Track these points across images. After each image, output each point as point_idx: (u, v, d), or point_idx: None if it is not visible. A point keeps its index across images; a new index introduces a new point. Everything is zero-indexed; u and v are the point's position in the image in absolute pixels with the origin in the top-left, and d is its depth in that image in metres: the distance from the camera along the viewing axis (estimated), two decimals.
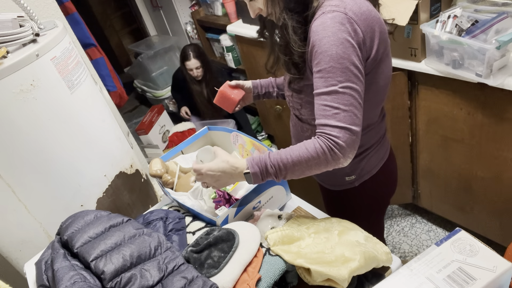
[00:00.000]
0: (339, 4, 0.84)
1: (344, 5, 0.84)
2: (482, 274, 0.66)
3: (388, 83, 0.99)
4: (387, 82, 0.98)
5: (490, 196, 1.61)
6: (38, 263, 0.94)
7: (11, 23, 1.09)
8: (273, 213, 0.97)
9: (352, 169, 1.08)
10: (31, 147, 1.12)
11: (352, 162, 0.95)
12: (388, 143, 1.14)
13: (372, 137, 1.05)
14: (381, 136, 1.07)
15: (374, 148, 1.07)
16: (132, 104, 4.26)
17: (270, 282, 0.79)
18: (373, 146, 1.06)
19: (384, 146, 1.10)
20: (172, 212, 1.05)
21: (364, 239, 0.85)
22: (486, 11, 1.34)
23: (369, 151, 1.06)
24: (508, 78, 1.28)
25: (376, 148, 1.07)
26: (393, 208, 2.22)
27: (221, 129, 1.27)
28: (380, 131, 1.07)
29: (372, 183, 1.12)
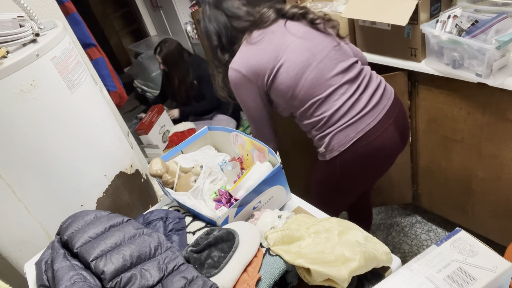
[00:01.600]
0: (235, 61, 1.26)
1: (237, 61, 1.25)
2: (482, 274, 0.66)
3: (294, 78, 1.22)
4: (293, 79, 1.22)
5: (490, 196, 1.62)
6: (38, 263, 0.94)
7: (11, 23, 1.09)
8: (273, 213, 0.97)
9: (320, 143, 1.28)
10: (31, 147, 1.12)
11: (318, 137, 1.27)
12: (366, 127, 1.23)
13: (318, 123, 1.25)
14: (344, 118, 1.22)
15: (338, 128, 1.23)
16: (132, 104, 4.26)
17: (270, 282, 0.79)
18: (334, 126, 1.23)
19: (355, 127, 1.22)
20: (172, 212, 1.05)
21: (364, 239, 0.85)
22: (486, 11, 1.34)
23: (330, 129, 1.24)
24: (508, 78, 1.28)
25: (341, 128, 1.23)
26: (393, 208, 2.22)
27: (221, 129, 1.27)
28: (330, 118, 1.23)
29: (341, 160, 1.26)
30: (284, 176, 1.08)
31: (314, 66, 1.22)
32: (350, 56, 1.30)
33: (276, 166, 1.04)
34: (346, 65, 1.25)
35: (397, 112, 1.30)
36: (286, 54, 1.22)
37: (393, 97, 1.30)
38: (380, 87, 1.28)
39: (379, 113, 1.24)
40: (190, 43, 3.58)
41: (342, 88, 1.23)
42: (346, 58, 1.27)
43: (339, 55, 1.26)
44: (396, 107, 1.30)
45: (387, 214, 2.20)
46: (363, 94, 1.24)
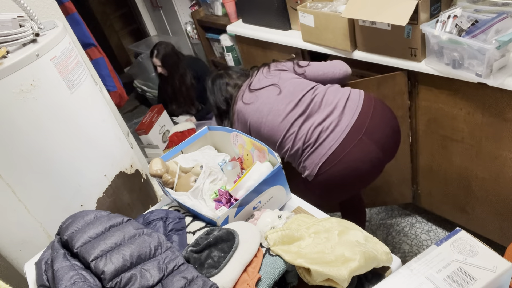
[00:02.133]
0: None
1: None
2: (482, 274, 0.66)
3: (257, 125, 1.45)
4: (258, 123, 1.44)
5: (490, 196, 1.61)
6: (38, 263, 0.94)
7: (11, 23, 1.09)
8: (273, 213, 0.97)
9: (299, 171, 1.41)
10: (31, 147, 1.12)
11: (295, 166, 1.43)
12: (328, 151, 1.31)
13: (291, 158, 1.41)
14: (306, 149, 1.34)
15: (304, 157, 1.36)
16: (132, 104, 4.26)
17: (270, 282, 0.79)
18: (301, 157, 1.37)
19: (317, 153, 1.32)
20: (172, 212, 1.06)
21: (364, 239, 0.85)
22: (486, 11, 1.34)
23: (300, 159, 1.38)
24: (508, 78, 1.28)
25: (305, 156, 1.35)
26: (393, 208, 2.22)
27: (221, 129, 1.27)
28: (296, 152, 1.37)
29: (320, 180, 1.36)
30: (284, 176, 1.08)
31: (265, 120, 1.41)
32: (300, 90, 1.40)
33: (276, 166, 1.04)
34: (295, 102, 1.38)
35: (368, 124, 1.32)
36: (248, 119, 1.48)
37: (358, 112, 1.34)
38: (337, 107, 1.35)
39: (341, 133, 1.31)
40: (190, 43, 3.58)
41: (296, 123, 1.36)
42: (294, 96, 1.39)
43: (285, 97, 1.40)
44: (365, 120, 1.33)
45: (387, 214, 2.20)
46: (316, 121, 1.34)
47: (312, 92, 1.40)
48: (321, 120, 1.33)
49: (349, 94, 1.39)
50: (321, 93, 1.39)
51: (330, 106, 1.35)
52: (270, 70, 1.52)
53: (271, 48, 2.14)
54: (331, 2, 1.71)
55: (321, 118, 1.34)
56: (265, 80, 1.48)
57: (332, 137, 1.31)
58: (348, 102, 1.36)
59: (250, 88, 1.50)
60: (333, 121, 1.33)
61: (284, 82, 1.45)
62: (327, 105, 1.36)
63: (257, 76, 1.52)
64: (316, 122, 1.34)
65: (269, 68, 1.53)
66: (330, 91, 1.40)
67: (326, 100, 1.37)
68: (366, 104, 1.36)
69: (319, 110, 1.36)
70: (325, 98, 1.38)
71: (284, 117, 1.38)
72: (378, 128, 1.35)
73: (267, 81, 1.48)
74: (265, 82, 1.48)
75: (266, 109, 1.42)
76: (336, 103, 1.35)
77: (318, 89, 1.42)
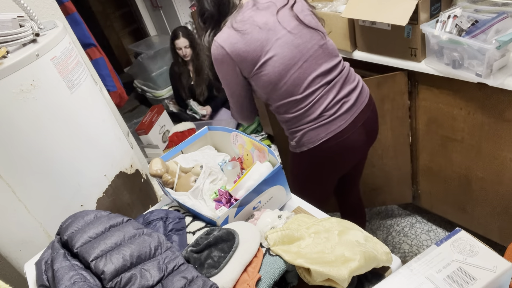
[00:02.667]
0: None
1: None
2: (482, 274, 0.66)
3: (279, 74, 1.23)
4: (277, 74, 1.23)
5: (490, 196, 1.62)
6: (38, 263, 0.94)
7: (11, 23, 1.09)
8: (273, 213, 0.97)
9: (291, 137, 1.35)
10: (31, 147, 1.12)
11: (290, 131, 1.34)
12: (336, 129, 1.27)
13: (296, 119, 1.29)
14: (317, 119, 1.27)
15: (310, 127, 1.28)
16: (132, 104, 4.26)
17: (270, 282, 0.79)
18: (307, 124, 1.28)
19: (325, 128, 1.27)
20: (172, 212, 1.06)
21: (364, 239, 0.85)
22: (486, 11, 1.34)
23: (302, 127, 1.29)
24: (508, 78, 1.28)
25: (312, 127, 1.27)
26: (393, 208, 2.22)
27: (221, 129, 1.27)
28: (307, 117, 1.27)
29: (310, 155, 1.32)
30: (284, 176, 1.08)
31: (300, 65, 1.23)
32: (334, 55, 1.30)
33: (276, 166, 1.04)
34: (328, 66, 1.26)
35: (368, 115, 1.34)
36: (276, 48, 1.20)
37: (367, 101, 1.34)
38: (356, 90, 1.31)
39: (351, 116, 1.28)
40: None
41: (319, 90, 1.25)
42: (330, 58, 1.28)
43: (324, 55, 1.26)
44: (368, 111, 1.34)
45: (387, 214, 2.20)
46: (337, 96, 1.27)
47: (341, 62, 1.32)
48: (343, 95, 1.27)
49: (360, 81, 1.36)
50: (346, 67, 1.33)
51: (352, 84, 1.30)
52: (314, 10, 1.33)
53: None
54: (331, 2, 1.71)
55: (343, 93, 1.27)
56: (312, 20, 1.27)
57: (344, 117, 1.27)
58: (363, 89, 1.33)
59: (296, 14, 1.24)
60: (351, 101, 1.27)
61: (327, 35, 1.31)
62: (349, 82, 1.30)
63: (299, 3, 1.28)
64: (339, 96, 1.26)
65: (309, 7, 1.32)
66: (351, 70, 1.35)
67: (349, 77, 1.31)
68: (371, 98, 1.37)
69: (344, 84, 1.28)
70: (349, 74, 1.32)
71: (315, 76, 1.24)
72: (371, 123, 1.38)
73: (315, 22, 1.28)
74: (312, 22, 1.27)
75: (307, 55, 1.23)
76: (356, 85, 1.31)
77: (344, 62, 1.34)
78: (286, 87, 1.24)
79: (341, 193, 1.74)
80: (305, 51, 1.23)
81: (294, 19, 1.24)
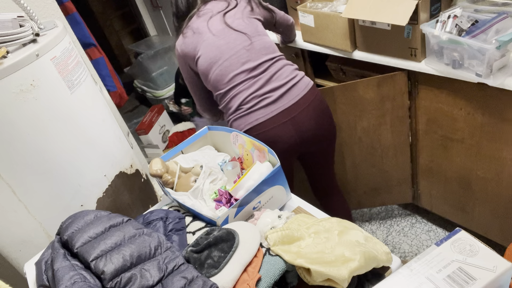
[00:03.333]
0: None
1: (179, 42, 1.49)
2: (482, 274, 0.66)
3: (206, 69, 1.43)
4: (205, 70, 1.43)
5: (490, 196, 1.62)
6: (38, 263, 0.94)
7: (11, 23, 1.09)
8: (273, 213, 0.97)
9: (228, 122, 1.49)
10: (31, 147, 1.12)
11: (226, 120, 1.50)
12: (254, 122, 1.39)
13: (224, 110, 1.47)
14: (237, 111, 1.41)
15: (232, 118, 1.43)
16: (132, 104, 4.26)
17: (270, 282, 0.79)
18: (232, 115, 1.43)
19: (244, 120, 1.41)
20: (172, 212, 1.06)
21: (364, 239, 0.85)
22: (486, 11, 1.34)
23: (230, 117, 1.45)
24: (508, 78, 1.28)
25: (233, 118, 1.43)
26: (393, 208, 2.22)
27: (221, 129, 1.27)
28: (229, 108, 1.44)
29: None
30: (284, 176, 1.08)
31: (220, 63, 1.40)
32: (264, 54, 1.42)
33: (276, 166, 1.04)
34: (253, 64, 1.39)
35: (299, 113, 1.40)
36: (202, 48, 1.42)
37: (297, 99, 1.39)
38: (283, 87, 1.39)
39: (272, 111, 1.38)
40: None
41: (240, 86, 1.40)
42: (257, 57, 1.40)
43: (249, 54, 1.40)
44: (298, 109, 1.39)
45: (387, 214, 2.20)
46: (258, 91, 1.38)
47: (273, 61, 1.43)
48: (265, 91, 1.38)
49: (299, 80, 1.43)
50: (278, 66, 1.42)
51: (279, 82, 1.40)
52: (251, 15, 1.48)
53: None
54: (331, 2, 1.71)
55: (266, 90, 1.39)
56: (242, 23, 1.44)
57: (263, 111, 1.38)
58: (293, 88, 1.41)
59: (225, 19, 1.44)
60: (273, 97, 1.38)
61: (256, 36, 1.44)
62: (277, 80, 1.40)
63: (238, 10, 1.47)
64: (259, 92, 1.38)
65: (253, 11, 1.49)
66: (287, 69, 1.43)
67: (279, 75, 1.41)
68: (306, 97, 1.42)
69: (269, 82, 1.40)
70: (279, 73, 1.41)
71: (237, 73, 1.39)
72: (304, 120, 1.42)
73: (244, 26, 1.44)
74: (240, 25, 1.44)
75: (228, 54, 1.40)
76: (285, 83, 1.40)
77: (279, 61, 1.44)
78: (212, 82, 1.44)
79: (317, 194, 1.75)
80: (227, 51, 1.40)
81: (222, 24, 1.43)
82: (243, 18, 1.45)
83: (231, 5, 1.47)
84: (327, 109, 1.50)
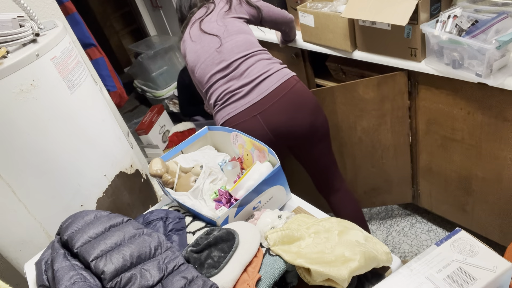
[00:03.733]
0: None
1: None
2: (482, 274, 0.66)
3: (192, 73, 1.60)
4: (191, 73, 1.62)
5: (490, 196, 1.62)
6: (38, 263, 0.94)
7: (11, 23, 1.09)
8: (273, 213, 0.97)
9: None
10: (31, 147, 1.12)
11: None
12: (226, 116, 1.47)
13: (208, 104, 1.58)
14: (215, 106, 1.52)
15: (213, 112, 1.56)
16: (132, 104, 4.26)
17: (270, 282, 0.79)
18: (213, 108, 1.54)
19: (220, 114, 1.50)
20: (172, 212, 1.06)
21: (364, 239, 0.85)
22: (486, 11, 1.34)
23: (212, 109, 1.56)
24: (508, 78, 1.28)
25: (213, 112, 1.54)
26: (393, 208, 2.22)
27: (221, 129, 1.27)
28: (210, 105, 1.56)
29: None
30: (284, 176, 1.08)
31: (199, 66, 1.53)
32: (237, 52, 1.49)
33: (276, 166, 1.04)
34: (225, 64, 1.48)
35: (267, 107, 1.43)
36: (187, 54, 1.58)
37: (266, 93, 1.43)
38: (250, 84, 1.45)
39: (242, 106, 1.45)
40: None
41: (216, 84, 1.50)
42: (229, 57, 1.49)
43: (221, 55, 1.49)
44: (266, 103, 1.43)
45: (387, 214, 2.20)
46: (229, 88, 1.47)
47: (244, 58, 1.49)
48: (235, 88, 1.46)
49: (272, 74, 1.46)
50: (250, 63, 1.48)
51: (249, 78, 1.46)
52: (227, 15, 1.56)
53: (271, 48, 2.14)
54: (331, 2, 1.71)
55: (236, 86, 1.46)
56: (216, 26, 1.53)
57: (233, 106, 1.46)
58: (263, 82, 1.45)
59: (200, 26, 1.56)
60: (242, 93, 1.45)
61: (228, 36, 1.51)
62: (247, 77, 1.46)
63: (214, 13, 1.57)
64: (231, 88, 1.47)
65: (230, 10, 1.57)
66: (259, 64, 1.48)
67: (249, 72, 1.47)
68: (279, 90, 1.44)
69: (239, 78, 1.47)
70: (250, 69, 1.47)
71: (213, 73, 1.50)
72: (275, 114, 1.44)
73: (217, 28, 1.53)
74: (214, 28, 1.53)
75: (203, 58, 1.52)
76: (255, 78, 1.45)
77: (251, 58, 1.49)
78: (197, 83, 1.60)
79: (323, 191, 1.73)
80: (202, 54, 1.52)
81: (198, 30, 1.55)
82: (217, 21, 1.55)
83: (209, 10, 1.58)
84: (307, 102, 1.47)
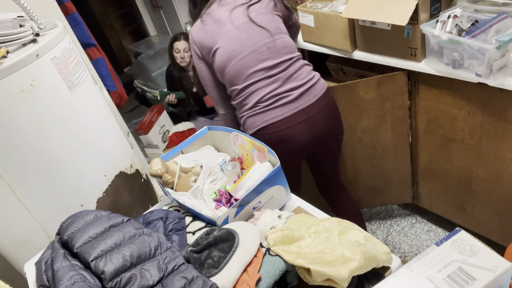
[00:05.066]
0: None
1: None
2: (482, 274, 0.66)
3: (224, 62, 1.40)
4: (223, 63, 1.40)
5: (490, 196, 1.62)
6: (38, 263, 0.94)
7: (11, 23, 1.09)
8: (273, 213, 0.97)
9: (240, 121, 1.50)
10: (31, 147, 1.12)
11: (238, 116, 1.50)
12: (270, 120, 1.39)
13: (238, 105, 1.46)
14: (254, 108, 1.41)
15: (247, 114, 1.43)
16: (132, 104, 4.26)
17: (270, 282, 0.79)
18: (247, 111, 1.43)
19: (259, 117, 1.41)
20: (172, 212, 1.06)
21: (364, 239, 0.85)
22: (486, 11, 1.34)
23: (244, 113, 1.44)
24: (508, 78, 1.28)
25: (248, 115, 1.43)
26: (393, 208, 2.22)
27: (221, 129, 1.27)
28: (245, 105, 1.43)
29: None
30: (284, 176, 1.08)
31: (241, 58, 1.37)
32: (284, 53, 1.40)
33: (276, 166, 1.04)
34: (273, 62, 1.38)
35: (314, 114, 1.41)
36: (221, 40, 1.38)
37: (314, 100, 1.40)
38: (301, 88, 1.40)
39: (289, 111, 1.38)
40: None
41: (258, 83, 1.38)
42: (277, 55, 1.39)
43: (269, 52, 1.38)
44: (314, 110, 1.41)
45: (387, 214, 2.20)
46: (276, 90, 1.38)
47: (292, 61, 1.42)
48: (283, 91, 1.38)
49: (316, 82, 1.44)
50: (297, 66, 1.42)
51: (297, 82, 1.40)
52: (274, 11, 1.45)
53: None
54: (331, 2, 1.71)
55: (284, 89, 1.38)
56: (265, 19, 1.41)
57: (280, 110, 1.38)
58: (311, 89, 1.42)
59: (248, 12, 1.39)
60: (291, 97, 1.38)
61: (277, 34, 1.42)
62: (296, 80, 1.40)
63: (261, 4, 1.42)
64: (277, 90, 1.38)
65: (276, 7, 1.46)
66: (305, 69, 1.44)
67: (298, 75, 1.41)
68: (322, 98, 1.43)
69: (287, 81, 1.39)
70: (298, 73, 1.41)
71: (256, 70, 1.38)
72: (320, 122, 1.43)
73: (266, 22, 1.40)
74: (263, 20, 1.40)
75: (249, 50, 1.37)
76: (304, 83, 1.40)
77: (298, 61, 1.43)
78: (229, 77, 1.41)
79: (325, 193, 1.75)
80: (248, 46, 1.37)
81: (246, 17, 1.39)
82: (266, 14, 1.41)
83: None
84: (338, 112, 1.51)
